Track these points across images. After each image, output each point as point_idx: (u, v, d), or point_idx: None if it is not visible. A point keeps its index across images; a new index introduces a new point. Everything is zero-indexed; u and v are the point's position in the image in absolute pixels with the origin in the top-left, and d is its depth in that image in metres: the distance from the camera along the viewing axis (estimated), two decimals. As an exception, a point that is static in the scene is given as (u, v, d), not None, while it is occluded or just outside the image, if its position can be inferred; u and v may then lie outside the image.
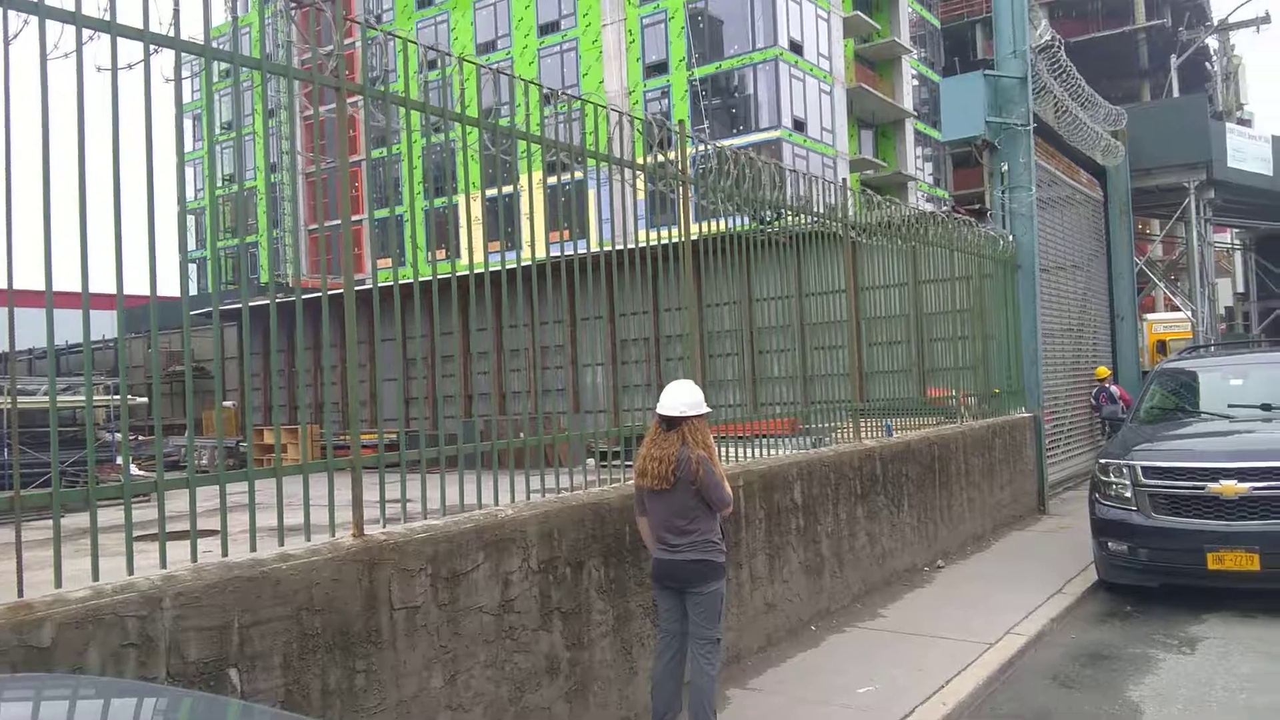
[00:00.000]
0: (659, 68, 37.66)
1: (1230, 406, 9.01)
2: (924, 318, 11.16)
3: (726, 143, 8.32)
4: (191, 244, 48.43)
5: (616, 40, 38.45)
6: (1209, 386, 9.64)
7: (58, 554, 3.36)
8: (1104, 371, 15.83)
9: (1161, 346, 24.92)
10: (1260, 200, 21.86)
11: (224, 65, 4.09)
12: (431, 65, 5.22)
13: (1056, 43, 14.15)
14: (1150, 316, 27.14)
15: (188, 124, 50.59)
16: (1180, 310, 22.39)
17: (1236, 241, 31.64)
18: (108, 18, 3.54)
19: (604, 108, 5.95)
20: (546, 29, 40.58)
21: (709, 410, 5.24)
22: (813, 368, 8.59)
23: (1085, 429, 15.90)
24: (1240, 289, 31.84)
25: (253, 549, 3.81)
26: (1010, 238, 12.76)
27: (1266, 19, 38.87)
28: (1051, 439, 13.61)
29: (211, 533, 4.35)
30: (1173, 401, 9.67)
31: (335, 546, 3.99)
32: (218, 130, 46.92)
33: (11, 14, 3.31)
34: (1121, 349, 18.02)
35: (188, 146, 49.94)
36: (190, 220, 48.50)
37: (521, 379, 6.15)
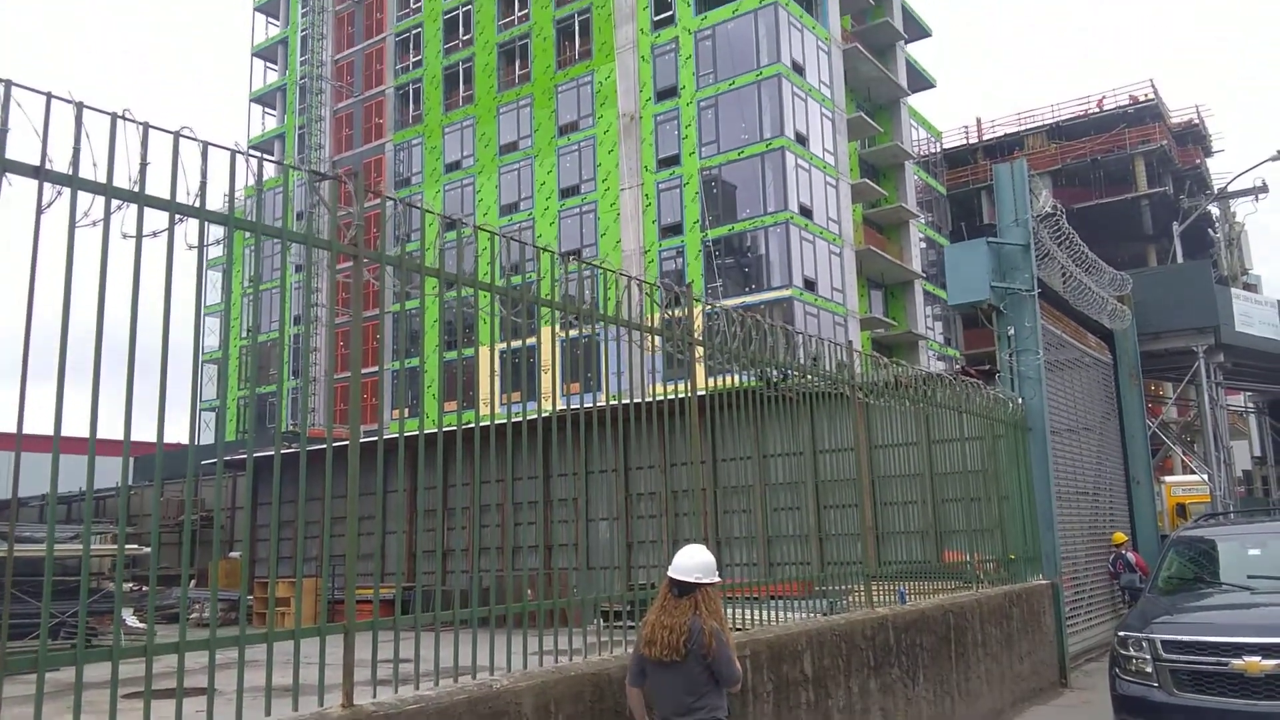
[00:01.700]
0: (674, 229, 38.82)
1: (1250, 577, 8.78)
2: (937, 478, 11.04)
3: (738, 300, 8.51)
4: (211, 393, 49.11)
5: (634, 203, 39.81)
6: (1228, 556, 9.42)
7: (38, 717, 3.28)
8: (1120, 537, 15.51)
9: (1181, 510, 24.53)
10: (1271, 364, 21.92)
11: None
12: (450, 227, 5.42)
13: (1058, 211, 14.57)
14: (1168, 479, 26.83)
15: (217, 277, 52.25)
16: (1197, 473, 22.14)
17: (1250, 404, 31.56)
18: (137, 189, 3.73)
19: (614, 273, 6.12)
20: (567, 192, 42.14)
21: (719, 579, 5.14)
22: (825, 527, 8.47)
23: (1106, 597, 15.45)
24: (1257, 452, 31.53)
25: (238, 718, 3.71)
26: (1019, 400, 12.78)
27: (1265, 189, 40.10)
28: (1071, 607, 13.21)
29: (201, 690, 4.23)
30: (1191, 571, 9.43)
31: (322, 718, 3.88)
32: (246, 286, 48.44)
33: (46, 185, 3.50)
34: (1139, 513, 17.72)
35: (216, 299, 51.40)
36: (213, 370, 49.39)
37: (530, 533, 6.09)
